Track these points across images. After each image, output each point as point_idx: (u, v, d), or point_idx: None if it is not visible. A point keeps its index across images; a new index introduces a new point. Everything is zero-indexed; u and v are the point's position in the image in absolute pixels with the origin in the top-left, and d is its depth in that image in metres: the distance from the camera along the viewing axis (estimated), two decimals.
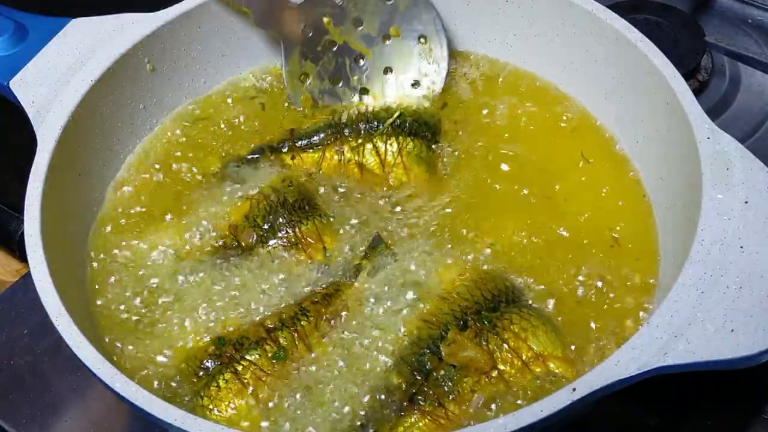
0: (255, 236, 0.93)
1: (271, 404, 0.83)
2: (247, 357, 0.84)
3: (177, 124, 1.07)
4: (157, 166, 1.03)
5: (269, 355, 0.84)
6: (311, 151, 1.01)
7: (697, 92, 1.19)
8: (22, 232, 0.86)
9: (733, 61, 1.23)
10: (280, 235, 0.93)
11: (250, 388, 0.83)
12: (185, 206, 0.99)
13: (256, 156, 1.02)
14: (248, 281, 0.91)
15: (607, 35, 1.01)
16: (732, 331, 0.75)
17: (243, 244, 0.93)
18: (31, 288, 0.82)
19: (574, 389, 0.73)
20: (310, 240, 0.93)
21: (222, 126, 1.07)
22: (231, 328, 0.88)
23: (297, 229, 0.93)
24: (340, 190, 0.99)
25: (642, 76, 0.97)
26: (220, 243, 0.94)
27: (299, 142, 1.02)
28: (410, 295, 0.89)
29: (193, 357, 0.86)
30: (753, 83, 1.22)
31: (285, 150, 1.02)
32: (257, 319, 0.88)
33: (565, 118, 1.05)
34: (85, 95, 0.96)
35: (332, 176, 1.00)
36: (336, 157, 1.00)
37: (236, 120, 1.08)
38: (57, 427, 0.95)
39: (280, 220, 0.94)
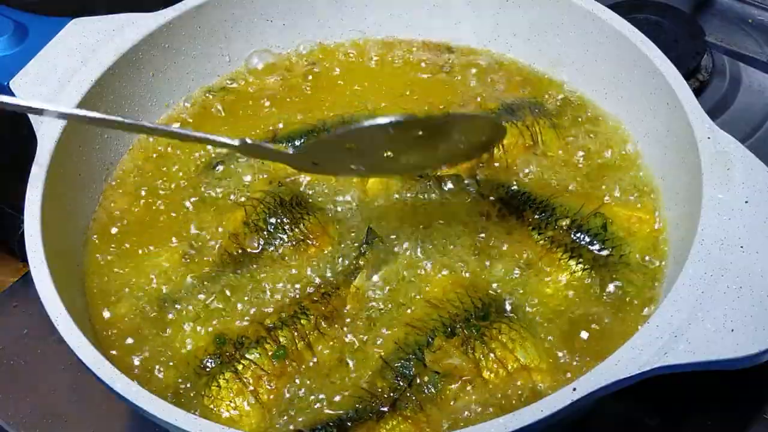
0: (260, 240, 0.93)
1: (271, 403, 0.83)
2: (248, 356, 0.84)
3: (177, 124, 1.07)
4: (157, 166, 1.03)
5: (269, 354, 0.84)
6: None
7: (698, 92, 1.19)
8: (22, 232, 0.86)
9: (733, 61, 1.23)
10: (285, 234, 0.93)
11: (251, 387, 0.83)
12: (185, 208, 0.99)
13: (236, 156, 1.01)
14: (255, 283, 0.91)
15: (608, 35, 1.01)
16: (732, 330, 0.75)
17: (248, 250, 0.93)
18: (31, 288, 0.82)
19: (574, 389, 0.73)
20: (317, 234, 0.93)
21: (222, 125, 1.07)
22: (228, 322, 0.88)
23: (302, 225, 0.93)
24: (326, 189, 0.99)
25: (642, 76, 0.97)
26: (224, 253, 0.93)
27: (281, 144, 1.01)
28: (405, 297, 0.89)
29: (193, 356, 0.86)
30: (753, 83, 1.22)
31: None
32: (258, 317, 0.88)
33: (565, 118, 1.05)
34: (85, 95, 0.96)
35: (313, 179, 0.99)
36: None
37: (237, 120, 1.07)
38: (57, 427, 0.95)
39: (284, 219, 0.94)
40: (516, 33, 1.10)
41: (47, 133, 0.93)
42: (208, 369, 0.84)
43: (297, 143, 1.00)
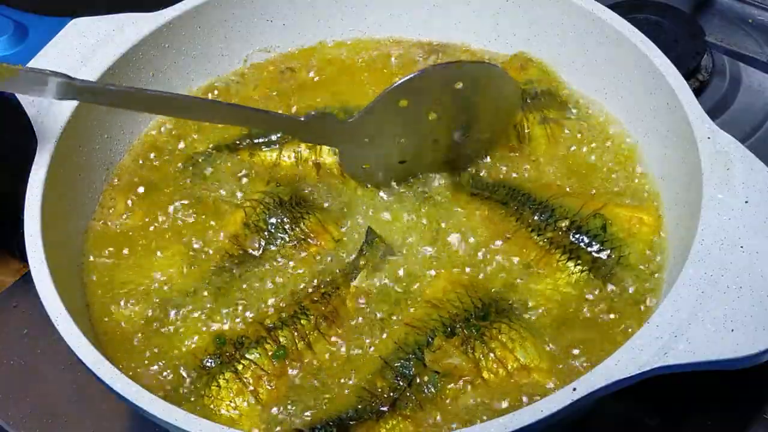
0: (261, 241, 0.93)
1: (271, 403, 0.83)
2: (248, 356, 0.84)
3: (178, 124, 1.07)
4: (156, 167, 1.03)
5: (269, 354, 0.84)
6: (268, 149, 1.01)
7: (698, 92, 1.19)
8: (22, 232, 0.86)
9: (733, 61, 1.23)
10: (286, 233, 0.93)
11: (251, 387, 0.83)
12: (185, 208, 0.99)
13: (213, 152, 1.02)
14: (257, 283, 0.91)
15: (608, 35, 1.01)
16: (732, 330, 0.75)
17: (249, 251, 0.93)
18: (31, 288, 0.82)
19: (574, 389, 0.73)
20: (318, 232, 0.93)
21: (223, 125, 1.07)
22: (228, 322, 0.88)
23: (302, 225, 0.93)
24: (324, 188, 0.99)
25: (642, 76, 0.97)
26: (225, 254, 0.93)
27: (257, 140, 1.02)
28: (405, 297, 0.89)
29: (192, 356, 0.86)
30: (753, 83, 1.22)
31: (243, 147, 1.02)
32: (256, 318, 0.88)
33: (565, 118, 1.05)
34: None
35: (300, 175, 1.00)
36: (294, 155, 1.00)
37: None
38: (57, 427, 0.95)
39: (284, 219, 0.94)
40: (516, 33, 1.10)
41: (47, 134, 0.93)
42: (208, 369, 0.84)
43: (274, 137, 1.01)
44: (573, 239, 0.91)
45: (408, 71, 1.10)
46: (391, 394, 0.81)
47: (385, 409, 0.80)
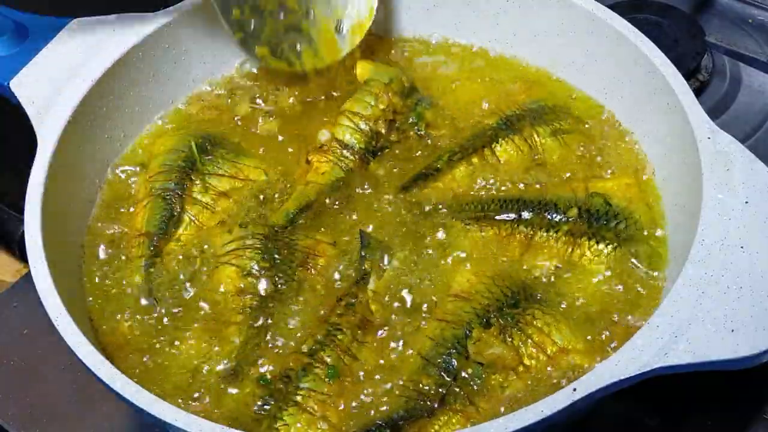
0: (269, 280, 0.90)
1: (342, 421, 0.81)
2: (302, 385, 0.82)
3: (179, 124, 1.07)
4: (154, 166, 1.03)
5: (322, 377, 0.82)
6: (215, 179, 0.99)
7: (698, 92, 1.19)
8: (22, 232, 0.86)
9: (733, 61, 1.23)
10: (291, 261, 0.91)
11: (318, 414, 0.80)
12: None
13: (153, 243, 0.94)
14: (285, 317, 0.89)
15: (608, 35, 1.01)
16: (732, 331, 0.75)
17: (264, 294, 0.89)
18: (31, 288, 0.82)
19: (574, 389, 0.73)
20: (315, 245, 0.92)
21: (225, 125, 1.07)
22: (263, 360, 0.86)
23: (298, 245, 0.92)
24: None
25: (642, 76, 0.98)
26: (244, 311, 0.89)
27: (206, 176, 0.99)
28: (425, 295, 0.89)
29: (243, 405, 0.82)
30: (753, 83, 1.22)
31: (197, 185, 0.98)
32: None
33: (565, 119, 1.05)
34: (85, 95, 0.96)
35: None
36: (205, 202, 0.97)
37: (239, 119, 1.07)
38: (57, 427, 0.95)
39: (278, 249, 0.92)
40: (516, 33, 1.10)
41: (48, 134, 0.93)
42: (266, 410, 0.81)
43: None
44: (590, 222, 0.91)
45: (409, 72, 1.11)
46: (439, 390, 0.81)
47: (435, 405, 0.80)
